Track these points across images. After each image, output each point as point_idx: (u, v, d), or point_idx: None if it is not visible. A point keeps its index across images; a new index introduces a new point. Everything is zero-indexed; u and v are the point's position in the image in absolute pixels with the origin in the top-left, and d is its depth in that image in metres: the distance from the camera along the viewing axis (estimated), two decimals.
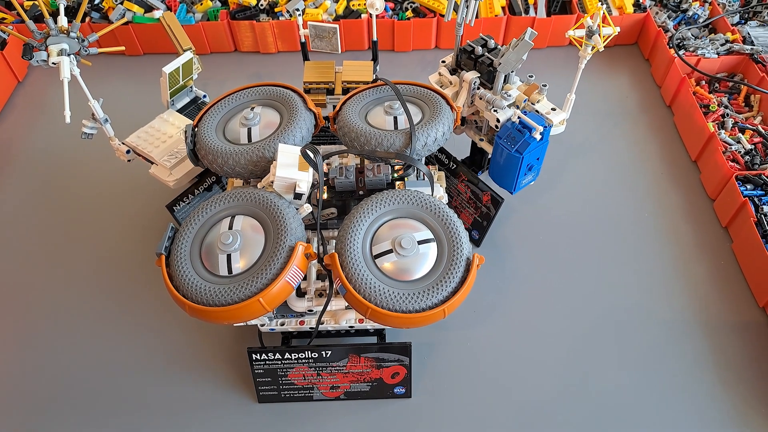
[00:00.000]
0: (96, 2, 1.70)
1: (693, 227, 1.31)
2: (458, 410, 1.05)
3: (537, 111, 1.11)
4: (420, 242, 0.87)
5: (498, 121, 1.09)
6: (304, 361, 0.99)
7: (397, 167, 1.01)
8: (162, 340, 1.15)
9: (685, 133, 1.48)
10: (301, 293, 0.97)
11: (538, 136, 1.04)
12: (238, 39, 1.75)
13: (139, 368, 1.12)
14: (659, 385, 1.07)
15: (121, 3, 1.69)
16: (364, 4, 1.67)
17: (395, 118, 1.02)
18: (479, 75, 1.12)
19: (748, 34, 1.60)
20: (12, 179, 1.45)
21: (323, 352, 0.99)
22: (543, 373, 1.10)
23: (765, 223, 1.19)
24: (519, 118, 1.06)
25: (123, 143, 1.14)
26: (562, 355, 1.12)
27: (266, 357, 0.99)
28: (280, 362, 1.00)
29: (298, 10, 1.25)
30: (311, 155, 0.87)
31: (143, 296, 1.22)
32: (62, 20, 1.00)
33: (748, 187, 1.26)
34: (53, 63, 0.98)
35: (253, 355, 0.99)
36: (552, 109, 1.11)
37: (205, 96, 1.27)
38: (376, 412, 1.05)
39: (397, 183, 1.00)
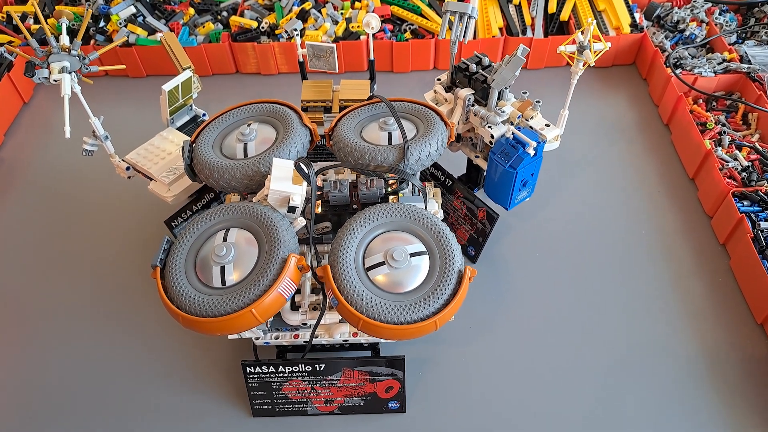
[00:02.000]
0: (101, 25, 1.74)
1: (690, 244, 1.31)
2: (453, 425, 1.04)
3: (531, 127, 1.12)
4: (412, 255, 0.87)
5: (492, 137, 1.10)
6: (297, 374, 0.99)
7: (390, 182, 1.02)
8: (157, 353, 1.16)
9: (683, 151, 1.48)
10: (295, 307, 0.98)
11: (531, 152, 1.05)
12: (239, 60, 1.78)
13: (133, 380, 1.12)
14: (656, 402, 1.06)
15: (125, 26, 1.73)
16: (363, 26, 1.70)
17: (389, 134, 1.03)
18: (474, 92, 1.13)
19: (746, 53, 1.61)
20: (17, 195, 1.47)
21: (317, 366, 0.98)
22: (539, 389, 1.09)
23: (762, 239, 1.18)
24: (513, 133, 1.07)
25: (123, 160, 1.16)
26: (558, 371, 1.11)
27: (260, 370, 0.99)
28: (274, 375, 0.99)
29: (296, 30, 1.28)
30: (304, 168, 0.88)
31: (140, 309, 1.23)
32: (64, 39, 1.03)
33: (745, 203, 1.25)
34: (54, 80, 1.00)
35: (248, 368, 0.99)
36: (546, 125, 1.12)
37: (204, 114, 1.29)
38: (370, 427, 1.04)
39: (391, 197, 1.01)
